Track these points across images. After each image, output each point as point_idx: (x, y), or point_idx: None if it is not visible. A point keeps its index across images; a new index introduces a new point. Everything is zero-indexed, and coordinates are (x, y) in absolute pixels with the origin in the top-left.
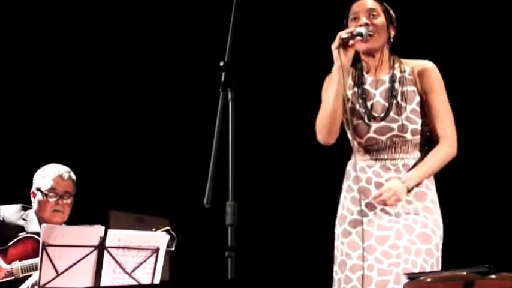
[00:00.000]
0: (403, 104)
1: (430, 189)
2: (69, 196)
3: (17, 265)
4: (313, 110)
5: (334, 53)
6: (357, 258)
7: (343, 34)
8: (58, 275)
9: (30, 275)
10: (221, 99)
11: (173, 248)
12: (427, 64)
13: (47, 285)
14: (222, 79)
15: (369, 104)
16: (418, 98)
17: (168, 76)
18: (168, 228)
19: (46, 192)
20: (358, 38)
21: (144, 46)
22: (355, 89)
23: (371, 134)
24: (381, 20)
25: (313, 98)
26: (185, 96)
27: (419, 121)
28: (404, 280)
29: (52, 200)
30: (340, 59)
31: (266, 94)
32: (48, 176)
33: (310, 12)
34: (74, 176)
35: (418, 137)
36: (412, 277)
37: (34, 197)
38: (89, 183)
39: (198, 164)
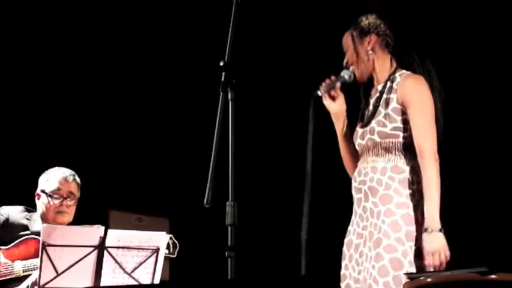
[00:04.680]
0: (381, 109)
1: (399, 193)
2: (73, 198)
3: (18, 264)
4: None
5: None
6: (344, 269)
7: (321, 90)
8: (58, 275)
9: (30, 275)
10: (221, 99)
11: (175, 255)
12: (409, 77)
13: (47, 285)
14: (222, 79)
15: (366, 112)
16: (394, 104)
17: (168, 76)
18: (170, 235)
19: (50, 194)
20: (338, 83)
21: (144, 46)
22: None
23: (358, 140)
24: (349, 52)
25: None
26: (185, 97)
27: (390, 125)
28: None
29: (56, 201)
30: (329, 107)
31: (266, 94)
32: (53, 178)
33: (310, 12)
34: (78, 179)
35: (388, 140)
36: (412, 277)
37: (38, 198)
38: (89, 183)
39: (198, 164)
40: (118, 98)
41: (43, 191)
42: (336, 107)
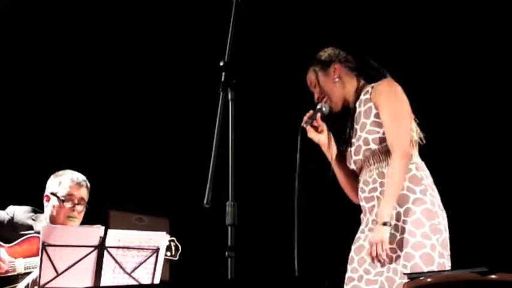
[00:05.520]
0: (364, 120)
1: (412, 191)
2: (84, 203)
3: (20, 262)
4: (313, 109)
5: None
6: (351, 272)
7: (303, 124)
8: (58, 275)
9: (31, 272)
10: (221, 99)
11: (177, 258)
12: (380, 82)
13: (47, 285)
14: (222, 79)
15: (349, 133)
16: (374, 111)
17: (168, 76)
18: (173, 238)
19: (62, 198)
20: (319, 114)
21: (144, 46)
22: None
23: (353, 157)
24: (318, 88)
25: (313, 98)
26: (185, 97)
27: (380, 130)
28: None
29: (68, 206)
30: (318, 140)
31: (266, 94)
32: (66, 182)
33: (310, 12)
34: (89, 184)
35: (384, 144)
36: (412, 277)
37: (48, 200)
38: (89, 183)
39: (198, 164)
40: (118, 98)
41: (54, 194)
42: (322, 138)
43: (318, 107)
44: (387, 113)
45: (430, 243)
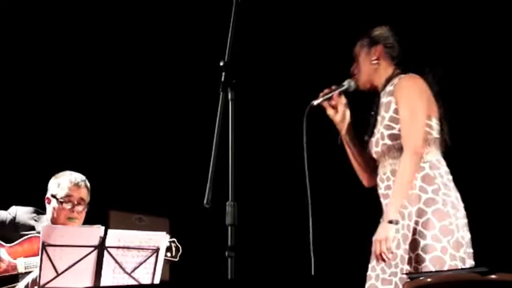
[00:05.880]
0: (384, 114)
1: (424, 190)
2: (84, 204)
3: (20, 261)
4: (313, 109)
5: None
6: (371, 270)
7: (314, 101)
8: (58, 275)
9: (31, 272)
10: (221, 99)
11: (177, 259)
12: (403, 77)
13: (47, 285)
14: (222, 79)
15: (373, 121)
16: (394, 106)
17: (168, 76)
18: (174, 239)
19: (61, 200)
20: (337, 91)
21: (144, 46)
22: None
23: (374, 148)
24: (357, 60)
25: (313, 98)
26: (185, 97)
27: (397, 126)
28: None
29: (67, 207)
30: (332, 116)
31: (266, 94)
32: (64, 183)
33: (310, 12)
34: (88, 184)
35: (400, 141)
36: (412, 277)
37: (49, 203)
38: (90, 183)
39: (198, 164)
40: (119, 99)
41: (54, 196)
42: (337, 116)
43: (344, 83)
44: (404, 109)
45: (441, 245)
